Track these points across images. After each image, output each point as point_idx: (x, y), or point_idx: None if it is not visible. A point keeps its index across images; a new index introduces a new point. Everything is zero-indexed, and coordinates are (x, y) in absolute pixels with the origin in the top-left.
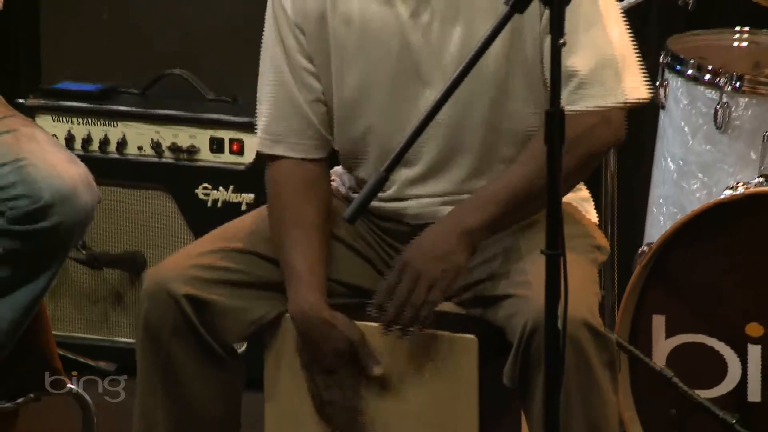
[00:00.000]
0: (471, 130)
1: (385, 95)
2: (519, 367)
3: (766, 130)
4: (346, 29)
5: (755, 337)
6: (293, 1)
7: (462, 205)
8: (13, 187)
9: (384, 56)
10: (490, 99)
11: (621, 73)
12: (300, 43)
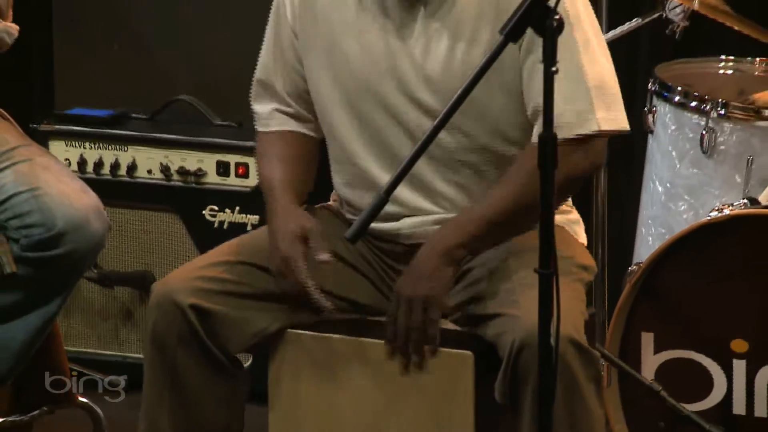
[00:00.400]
0: (458, 153)
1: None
2: (508, 383)
3: (751, 155)
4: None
5: (740, 352)
6: (292, 8)
7: (444, 226)
8: (29, 216)
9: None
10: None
11: (594, 104)
12: (294, 49)
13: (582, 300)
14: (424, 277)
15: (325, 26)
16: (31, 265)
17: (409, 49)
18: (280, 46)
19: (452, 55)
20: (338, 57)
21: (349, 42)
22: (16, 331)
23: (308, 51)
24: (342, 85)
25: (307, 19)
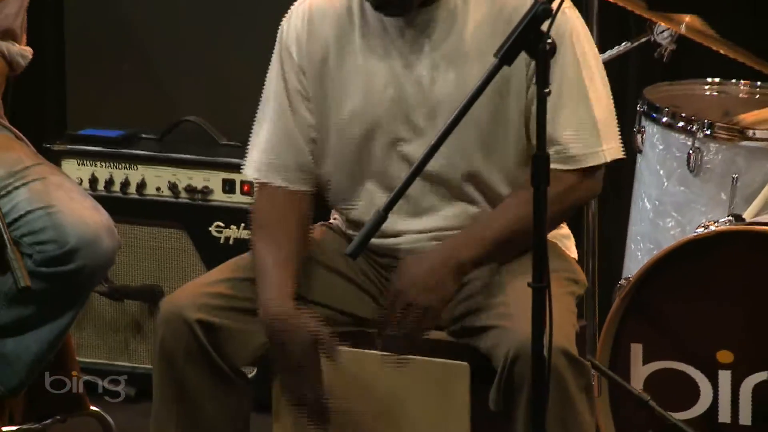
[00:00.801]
0: (457, 176)
1: (380, 138)
2: (502, 393)
3: (735, 173)
4: (347, 82)
5: (725, 363)
6: (299, 46)
7: (453, 241)
8: (42, 232)
9: (381, 106)
10: (477, 150)
11: (600, 137)
12: (302, 86)
13: (573, 312)
14: (429, 287)
15: (334, 60)
16: (44, 280)
17: (417, 78)
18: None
19: (459, 81)
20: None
21: (357, 76)
22: (29, 343)
23: (317, 85)
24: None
25: (314, 54)
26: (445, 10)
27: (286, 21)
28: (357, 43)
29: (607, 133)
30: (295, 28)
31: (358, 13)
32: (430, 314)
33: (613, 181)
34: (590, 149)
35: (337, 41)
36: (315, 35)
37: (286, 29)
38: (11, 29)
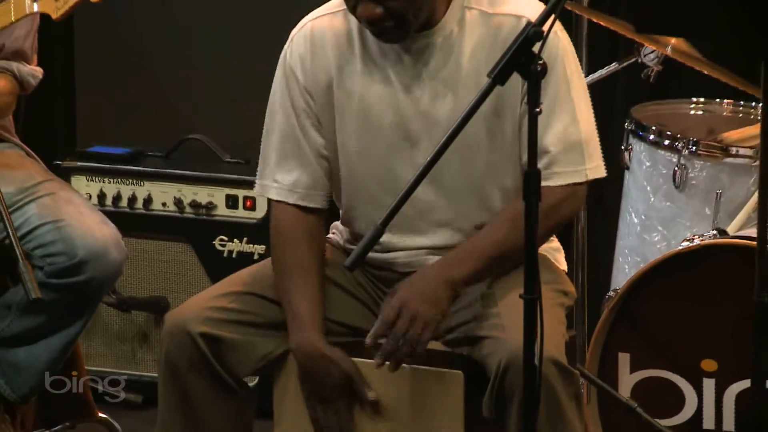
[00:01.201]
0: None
1: (381, 160)
2: (495, 400)
3: (719, 189)
4: (348, 100)
5: (709, 371)
6: (303, 69)
7: (448, 258)
8: (52, 245)
9: (380, 126)
10: (470, 171)
11: (585, 155)
12: (309, 106)
13: (563, 323)
14: (430, 301)
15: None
16: (54, 291)
17: (416, 102)
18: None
19: (458, 105)
20: (350, 110)
21: (358, 98)
22: (40, 351)
23: (322, 105)
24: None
25: (319, 75)
26: (441, 36)
27: (288, 45)
28: (357, 67)
29: (591, 152)
30: (298, 52)
31: (357, 38)
32: (432, 326)
33: (601, 196)
34: (575, 167)
35: (339, 64)
36: (318, 58)
37: (289, 53)
38: (22, 50)
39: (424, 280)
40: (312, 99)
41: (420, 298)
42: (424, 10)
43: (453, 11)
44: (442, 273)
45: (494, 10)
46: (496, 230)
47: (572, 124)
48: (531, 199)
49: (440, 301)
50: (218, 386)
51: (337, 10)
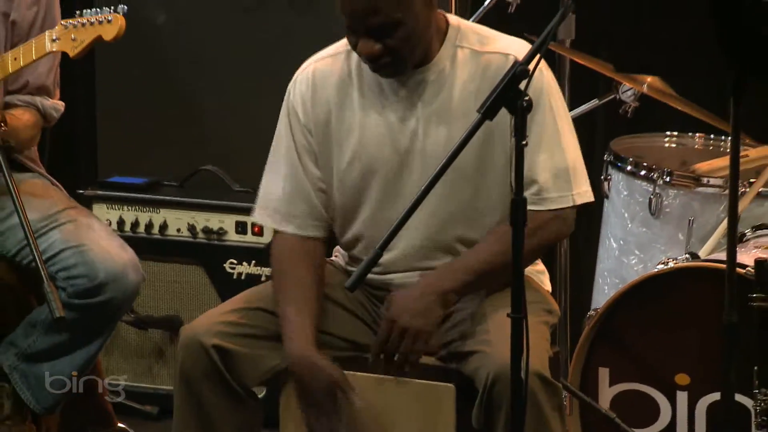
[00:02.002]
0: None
1: (378, 189)
2: (484, 412)
3: (692, 216)
4: (346, 134)
5: (683, 385)
6: (304, 108)
7: (438, 271)
8: (74, 268)
9: (377, 157)
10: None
11: (572, 182)
12: (309, 143)
13: (547, 340)
14: (419, 313)
15: (336, 119)
16: (76, 310)
17: (410, 133)
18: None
19: (450, 136)
20: (349, 143)
21: (357, 132)
22: (63, 366)
23: (322, 141)
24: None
25: (319, 114)
26: (435, 72)
27: (292, 85)
28: (356, 101)
29: (578, 179)
30: (300, 93)
31: (357, 74)
32: (423, 336)
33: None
34: (562, 193)
35: (339, 100)
36: (318, 99)
37: (292, 93)
38: (45, 85)
39: (414, 294)
40: (311, 136)
41: (410, 312)
42: (420, 47)
43: (446, 49)
44: (432, 285)
45: (483, 48)
46: (485, 247)
47: (558, 154)
48: (517, 225)
49: (430, 312)
50: (229, 395)
51: (338, 53)
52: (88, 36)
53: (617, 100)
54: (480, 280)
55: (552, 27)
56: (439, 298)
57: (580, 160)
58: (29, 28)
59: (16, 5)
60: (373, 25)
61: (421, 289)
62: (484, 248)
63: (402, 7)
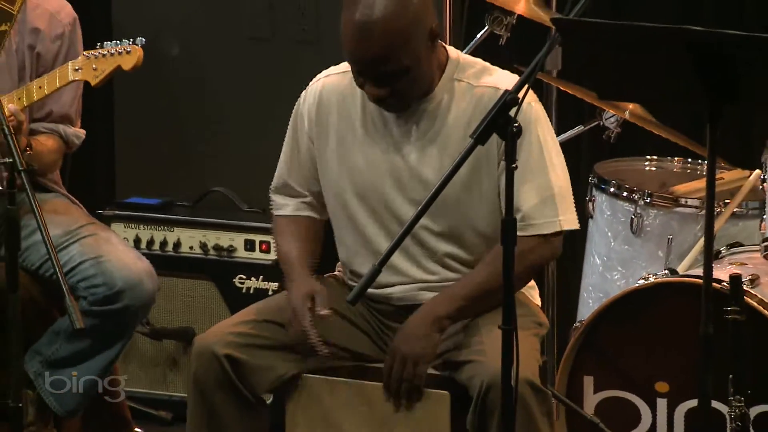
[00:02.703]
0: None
1: (376, 209)
2: (477, 417)
3: (671, 235)
4: (347, 156)
5: (662, 392)
6: (309, 119)
7: (435, 298)
8: (94, 278)
9: (375, 179)
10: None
11: (558, 209)
12: (310, 149)
13: (537, 350)
14: (417, 339)
15: (337, 138)
16: (96, 317)
17: (406, 159)
18: (298, 149)
19: (442, 163)
20: (348, 163)
21: (356, 153)
22: (85, 371)
23: (323, 155)
24: (351, 186)
25: (322, 130)
26: (433, 103)
27: (304, 93)
28: (357, 122)
29: (564, 206)
30: (307, 105)
31: (361, 96)
32: (423, 360)
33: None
34: (548, 219)
35: (341, 118)
36: (323, 115)
37: (302, 100)
38: (68, 115)
39: (413, 323)
40: (313, 144)
41: (410, 341)
42: (423, 85)
43: (444, 82)
44: (428, 313)
45: (478, 82)
46: (477, 274)
47: (545, 181)
48: (508, 244)
49: (428, 337)
50: (239, 402)
51: (347, 71)
52: (108, 66)
53: (601, 126)
54: (472, 306)
55: (540, 58)
56: (435, 324)
57: (568, 188)
58: (53, 60)
59: (42, 38)
60: (381, 73)
61: (419, 318)
62: (478, 274)
63: (410, 55)
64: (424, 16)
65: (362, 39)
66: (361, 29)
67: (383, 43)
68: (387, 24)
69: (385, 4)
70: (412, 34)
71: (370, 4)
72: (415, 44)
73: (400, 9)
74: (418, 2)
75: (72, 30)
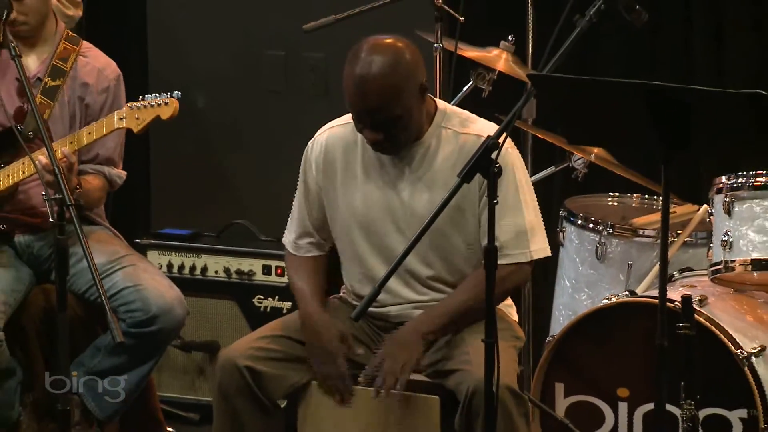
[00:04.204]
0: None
1: (375, 241)
2: (464, 418)
3: (630, 261)
4: (350, 195)
5: (623, 397)
6: (317, 166)
7: (420, 316)
8: (132, 303)
9: (374, 214)
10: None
11: (529, 242)
12: (318, 194)
13: (515, 360)
14: (405, 347)
15: (341, 180)
16: (133, 338)
17: (400, 196)
18: (308, 192)
19: (432, 200)
20: (352, 201)
21: (358, 192)
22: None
23: (330, 196)
24: (354, 220)
25: (328, 174)
26: (423, 147)
27: (311, 143)
28: (359, 166)
29: (535, 239)
30: (315, 153)
31: (361, 144)
32: (409, 364)
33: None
34: (521, 250)
35: (344, 164)
36: (329, 162)
37: (310, 150)
38: (111, 158)
39: (401, 334)
40: (320, 188)
41: (398, 347)
42: (414, 132)
43: (433, 129)
44: (414, 328)
45: (463, 130)
46: (460, 294)
47: (520, 219)
48: (490, 269)
49: (414, 347)
50: (258, 407)
51: (349, 122)
52: (149, 115)
53: (570, 167)
54: (454, 323)
55: (517, 109)
56: (421, 337)
57: (539, 223)
58: (100, 110)
59: (90, 91)
60: (377, 120)
61: (407, 331)
62: (460, 294)
63: (401, 106)
64: (415, 73)
65: (361, 91)
66: (359, 83)
67: (378, 95)
68: (382, 79)
69: (380, 62)
70: (403, 88)
71: (368, 62)
72: (407, 97)
73: (393, 66)
74: (409, 61)
75: (116, 84)
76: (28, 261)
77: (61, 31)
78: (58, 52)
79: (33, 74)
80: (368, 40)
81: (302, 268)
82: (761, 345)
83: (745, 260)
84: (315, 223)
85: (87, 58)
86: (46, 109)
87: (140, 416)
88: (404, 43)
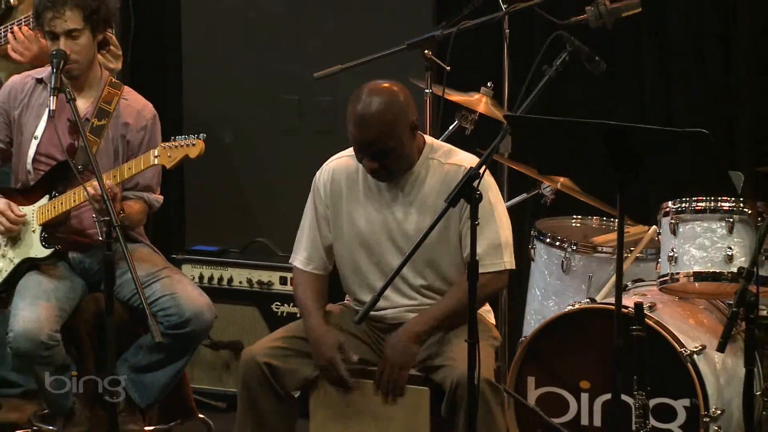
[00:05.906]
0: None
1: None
2: (449, 406)
3: (591, 273)
4: (354, 217)
5: (585, 388)
6: (324, 193)
7: (413, 319)
8: (169, 309)
9: (373, 233)
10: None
11: (503, 254)
12: (326, 217)
13: (493, 357)
14: (401, 352)
15: (346, 202)
16: (169, 339)
17: (395, 216)
18: (316, 213)
19: (422, 220)
20: (355, 221)
21: (359, 213)
22: (160, 376)
23: (336, 217)
24: (357, 238)
25: (334, 199)
26: (414, 175)
27: (319, 173)
28: (360, 192)
29: (507, 252)
30: (323, 181)
31: (362, 172)
32: (406, 367)
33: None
34: (495, 260)
35: (348, 190)
36: (335, 190)
37: (318, 178)
38: (150, 185)
39: (397, 337)
40: (329, 212)
41: (396, 353)
42: (406, 162)
43: (422, 160)
44: (409, 331)
45: (447, 160)
46: (447, 300)
47: (495, 234)
48: (472, 279)
49: (409, 349)
50: (275, 396)
51: (351, 154)
52: (179, 154)
53: (540, 194)
54: (443, 324)
55: (495, 144)
56: (414, 339)
57: (510, 239)
58: (138, 146)
59: (130, 129)
60: (374, 151)
61: (402, 334)
62: (447, 300)
63: (394, 140)
64: (407, 112)
65: (361, 126)
66: (360, 119)
67: (375, 129)
68: (379, 117)
69: (378, 102)
70: (397, 124)
71: (368, 102)
72: (399, 131)
73: (389, 105)
74: (402, 102)
75: (153, 123)
76: (81, 273)
77: (106, 78)
78: (103, 96)
79: (82, 115)
80: (368, 84)
81: (307, 284)
82: (702, 344)
83: (688, 273)
84: (324, 241)
85: (127, 101)
86: (94, 146)
87: (176, 404)
88: (398, 87)
